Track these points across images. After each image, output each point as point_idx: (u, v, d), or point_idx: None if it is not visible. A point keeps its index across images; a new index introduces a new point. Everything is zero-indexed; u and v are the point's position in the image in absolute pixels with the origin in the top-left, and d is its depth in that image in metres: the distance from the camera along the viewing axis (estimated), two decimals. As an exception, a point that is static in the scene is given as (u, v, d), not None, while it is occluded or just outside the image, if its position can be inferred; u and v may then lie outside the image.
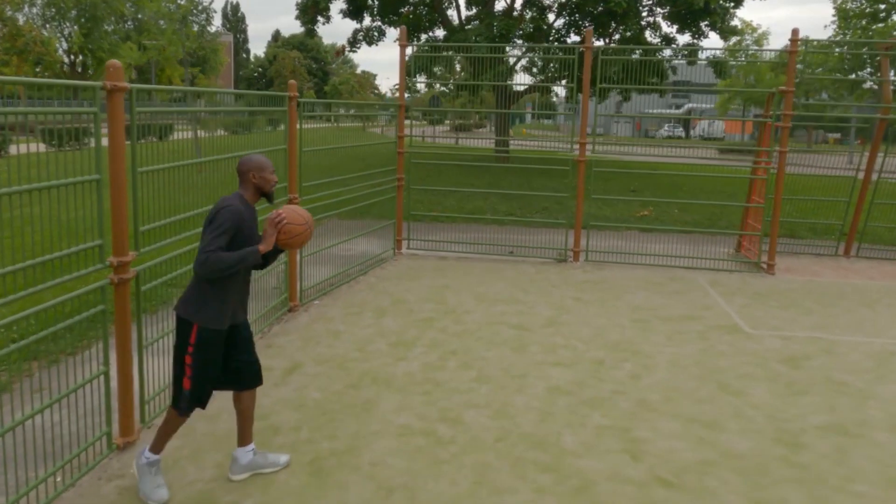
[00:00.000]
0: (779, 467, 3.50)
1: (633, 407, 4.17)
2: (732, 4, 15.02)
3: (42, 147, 3.37)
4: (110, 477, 3.24)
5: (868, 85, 19.36)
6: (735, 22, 15.91)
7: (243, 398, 3.23)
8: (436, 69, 15.02)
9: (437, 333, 5.45)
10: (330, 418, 3.91)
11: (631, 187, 12.80)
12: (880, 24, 17.68)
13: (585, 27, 14.89)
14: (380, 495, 3.15)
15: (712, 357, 5.07)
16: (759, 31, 31.13)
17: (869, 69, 17.07)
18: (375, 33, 18.11)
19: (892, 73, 7.81)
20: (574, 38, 18.61)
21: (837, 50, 12.40)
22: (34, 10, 32.39)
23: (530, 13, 18.05)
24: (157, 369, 3.97)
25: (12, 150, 3.40)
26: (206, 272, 2.84)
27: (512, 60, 18.01)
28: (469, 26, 16.61)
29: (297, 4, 17.44)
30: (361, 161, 7.81)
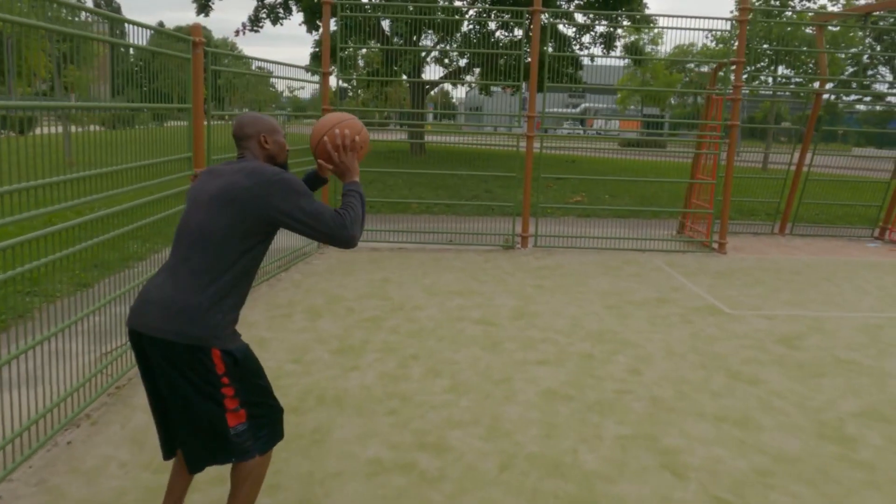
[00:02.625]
0: (843, 470, 2.87)
1: (647, 408, 3.43)
2: (647, -8, 15.14)
3: None
4: None
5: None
6: (701, 24, 15.94)
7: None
8: (370, 42, 13.74)
9: (389, 335, 4.46)
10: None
11: (569, 160, 12.36)
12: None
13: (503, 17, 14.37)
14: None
15: (706, 342, 4.49)
16: (655, 31, 32.50)
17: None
18: (281, 10, 16.52)
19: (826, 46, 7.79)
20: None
21: (785, 18, 12.54)
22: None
23: None
24: (1, 406, 2.68)
25: None
26: (360, 229, 2.05)
27: (424, 53, 17.16)
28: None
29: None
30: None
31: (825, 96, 8.32)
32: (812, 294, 5.89)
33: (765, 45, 14.08)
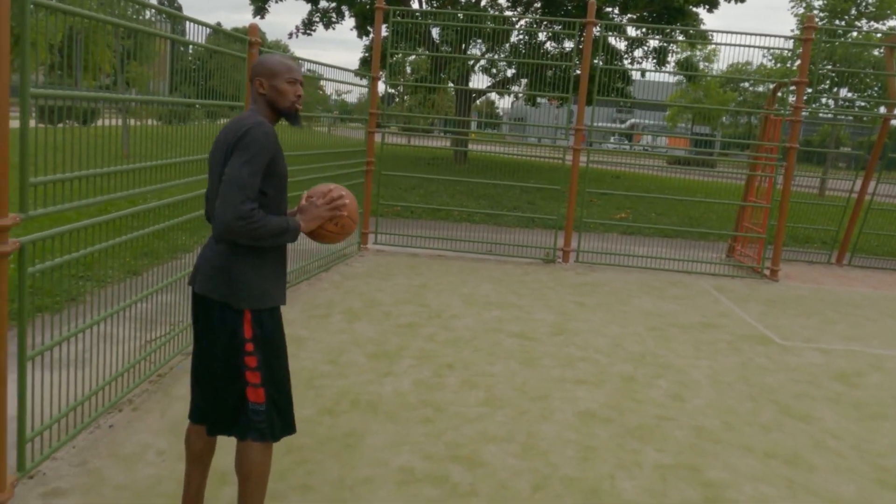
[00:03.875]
0: (904, 521, 2.68)
1: (690, 437, 3.28)
2: (707, 8, 14.73)
3: None
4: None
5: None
6: (762, 41, 15.54)
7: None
8: (419, 50, 13.86)
9: (425, 342, 4.42)
10: (300, 459, 2.81)
11: (614, 175, 12.13)
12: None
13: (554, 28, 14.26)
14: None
15: (755, 372, 4.29)
16: (710, 47, 31.76)
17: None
18: (333, 14, 16.85)
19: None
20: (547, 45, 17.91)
21: (850, 39, 11.93)
22: None
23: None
24: (51, 385, 2.76)
25: None
26: (238, 234, 1.87)
27: (472, 61, 17.17)
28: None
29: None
30: (328, 137, 6.69)
31: (893, 122, 7.91)
32: (872, 329, 5.58)
33: (827, 67, 13.55)
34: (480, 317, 5.11)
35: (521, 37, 16.54)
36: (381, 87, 7.40)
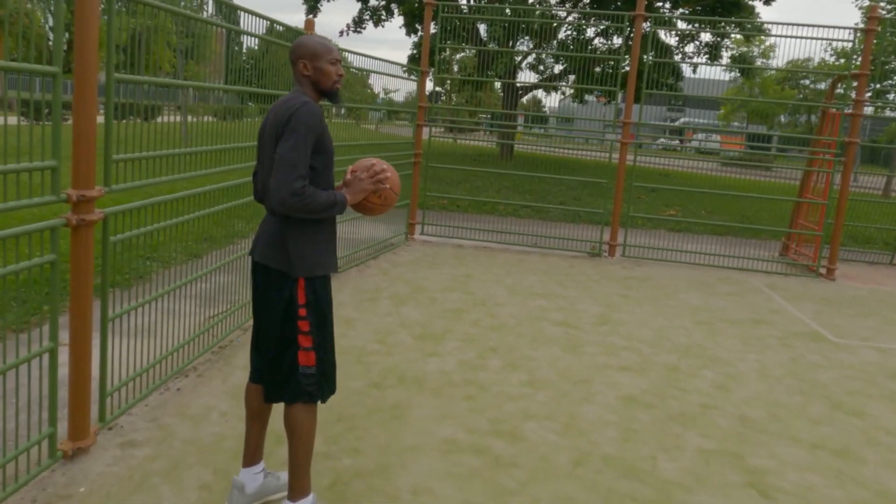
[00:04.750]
0: (959, 516, 2.61)
1: (734, 425, 3.27)
2: (763, 0, 14.24)
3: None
4: (50, 498, 2.26)
5: None
6: (820, 32, 15.01)
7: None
8: (465, 49, 13.98)
9: (470, 327, 4.52)
10: (349, 426, 2.97)
11: (663, 174, 11.92)
12: None
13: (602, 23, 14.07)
14: (431, 541, 2.21)
15: (806, 368, 4.20)
16: (766, 43, 30.48)
17: None
18: (383, 12, 17.16)
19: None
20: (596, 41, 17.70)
21: None
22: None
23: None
24: (127, 350, 3.00)
25: None
26: (293, 209, 2.00)
27: (519, 57, 17.12)
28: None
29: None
30: (376, 133, 6.88)
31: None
32: (934, 331, 5.34)
33: (895, 63, 12.86)
34: (524, 305, 5.17)
35: (568, 33, 16.40)
36: (429, 85, 7.52)
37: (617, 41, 15.84)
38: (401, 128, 8.15)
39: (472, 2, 15.44)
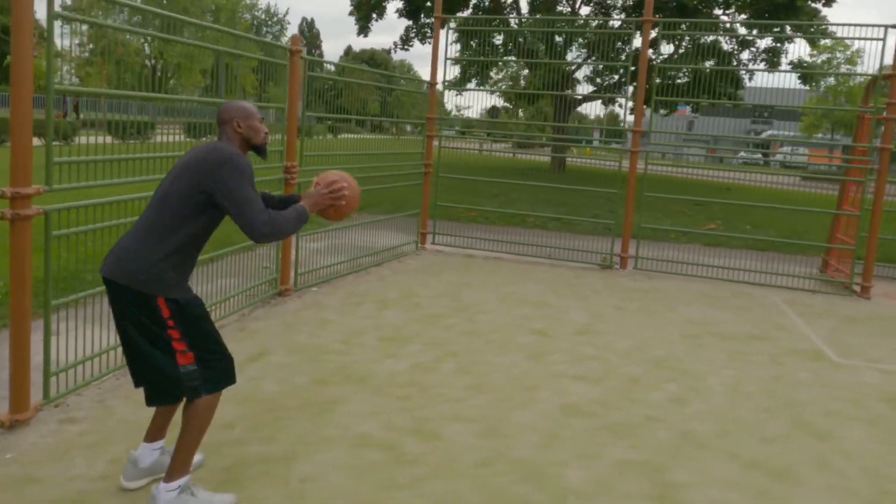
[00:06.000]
0: (884, 546, 2.39)
1: (673, 439, 3.14)
2: (823, 2, 13.36)
3: None
4: (-22, 462, 2.55)
5: None
6: (850, 31, 14.15)
7: None
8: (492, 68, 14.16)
9: (441, 331, 4.58)
10: (277, 417, 3.12)
11: (725, 188, 11.45)
12: None
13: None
14: (299, 524, 2.30)
15: (787, 387, 3.93)
16: (853, 47, 28.37)
17: None
18: (429, 30, 17.60)
19: None
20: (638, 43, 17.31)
21: None
22: (122, 17, 34.35)
23: (592, 11, 16.96)
24: (76, 336, 3.31)
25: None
26: (270, 237, 2.25)
27: (570, 66, 16.91)
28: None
29: (352, 1, 17.16)
30: (383, 142, 7.11)
31: None
32: (966, 355, 4.82)
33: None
34: (509, 313, 5.16)
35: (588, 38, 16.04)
36: (496, 100, 7.69)
37: (667, 48, 15.33)
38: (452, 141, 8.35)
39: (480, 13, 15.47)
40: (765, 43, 14.30)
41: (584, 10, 19.30)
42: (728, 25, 12.54)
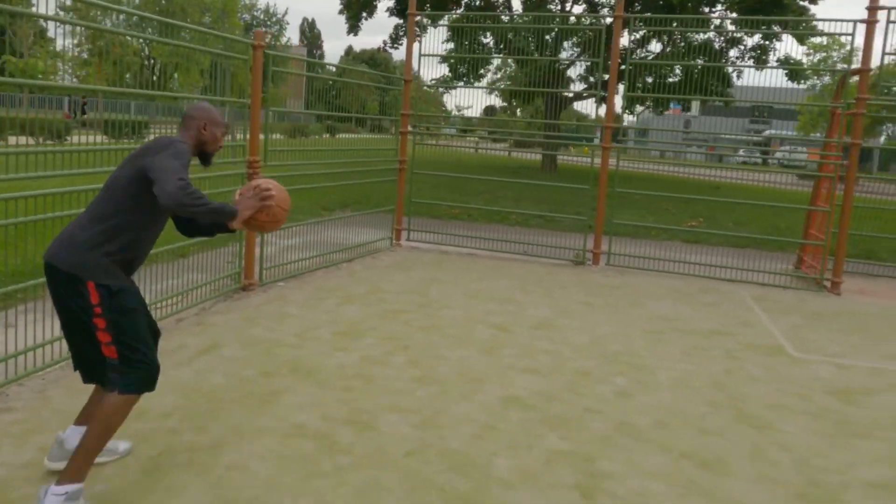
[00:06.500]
0: (798, 535, 2.39)
1: (609, 430, 3.15)
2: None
3: None
4: None
5: None
6: (820, 26, 14.12)
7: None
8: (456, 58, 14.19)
9: (400, 326, 4.59)
10: (215, 407, 3.13)
11: (714, 185, 11.43)
12: None
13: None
14: (213, 511, 2.32)
15: (738, 381, 3.94)
16: (848, 46, 28.10)
17: None
18: (417, 28, 17.63)
19: None
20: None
21: None
22: (121, 18, 34.48)
23: (584, 10, 16.96)
24: (26, 328, 3.33)
25: None
26: (185, 202, 2.13)
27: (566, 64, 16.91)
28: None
29: (342, 0, 17.19)
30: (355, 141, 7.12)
31: None
32: (927, 350, 4.81)
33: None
34: (473, 309, 5.17)
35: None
36: (493, 99, 7.68)
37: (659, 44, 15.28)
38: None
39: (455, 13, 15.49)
40: (753, 41, 14.28)
41: (577, 9, 19.31)
42: (709, 21, 12.52)
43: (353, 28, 17.61)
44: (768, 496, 2.64)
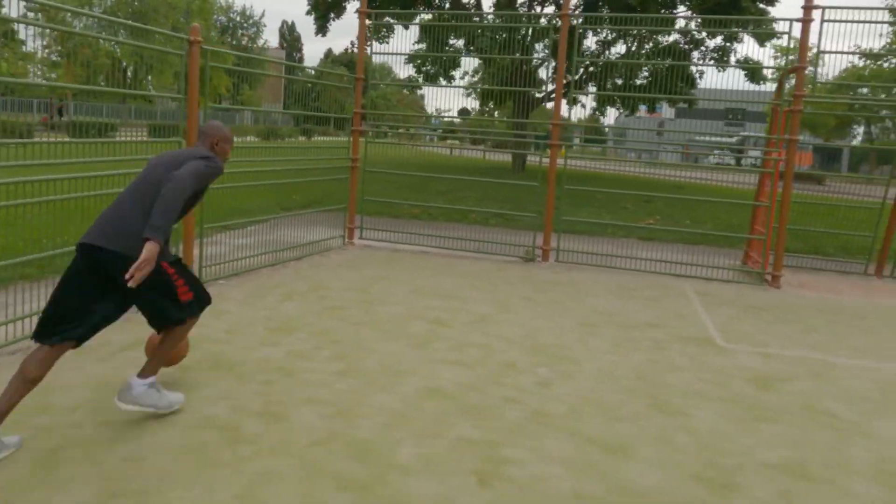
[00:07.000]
0: (683, 514, 2.45)
1: (521, 419, 3.18)
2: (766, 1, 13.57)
3: None
4: None
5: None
6: (779, 27, 14.41)
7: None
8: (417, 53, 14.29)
9: (335, 322, 4.59)
10: (126, 402, 3.10)
11: (678, 186, 11.64)
12: None
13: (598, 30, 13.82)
14: (99, 501, 2.30)
15: (660, 370, 4.01)
16: (813, 51, 28.72)
17: None
18: (384, 29, 17.64)
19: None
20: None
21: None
22: (91, 20, 33.91)
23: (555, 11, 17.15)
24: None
25: None
26: (171, 199, 2.56)
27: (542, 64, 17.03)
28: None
29: (309, 0, 17.12)
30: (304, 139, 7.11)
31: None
32: (853, 340, 4.94)
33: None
34: (413, 304, 5.19)
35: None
36: (471, 102, 7.70)
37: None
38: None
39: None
40: (714, 42, 14.55)
41: (549, 10, 19.45)
42: (671, 21, 12.74)
43: (322, 29, 17.54)
44: (662, 477, 2.70)
